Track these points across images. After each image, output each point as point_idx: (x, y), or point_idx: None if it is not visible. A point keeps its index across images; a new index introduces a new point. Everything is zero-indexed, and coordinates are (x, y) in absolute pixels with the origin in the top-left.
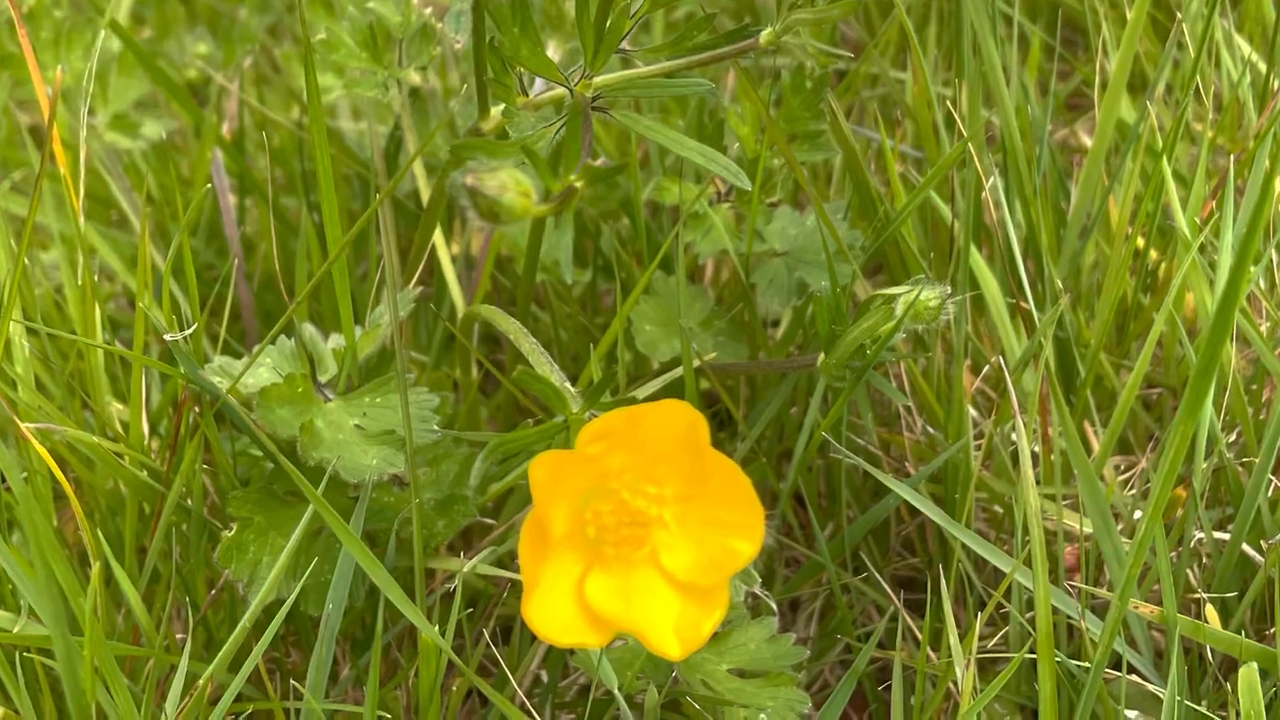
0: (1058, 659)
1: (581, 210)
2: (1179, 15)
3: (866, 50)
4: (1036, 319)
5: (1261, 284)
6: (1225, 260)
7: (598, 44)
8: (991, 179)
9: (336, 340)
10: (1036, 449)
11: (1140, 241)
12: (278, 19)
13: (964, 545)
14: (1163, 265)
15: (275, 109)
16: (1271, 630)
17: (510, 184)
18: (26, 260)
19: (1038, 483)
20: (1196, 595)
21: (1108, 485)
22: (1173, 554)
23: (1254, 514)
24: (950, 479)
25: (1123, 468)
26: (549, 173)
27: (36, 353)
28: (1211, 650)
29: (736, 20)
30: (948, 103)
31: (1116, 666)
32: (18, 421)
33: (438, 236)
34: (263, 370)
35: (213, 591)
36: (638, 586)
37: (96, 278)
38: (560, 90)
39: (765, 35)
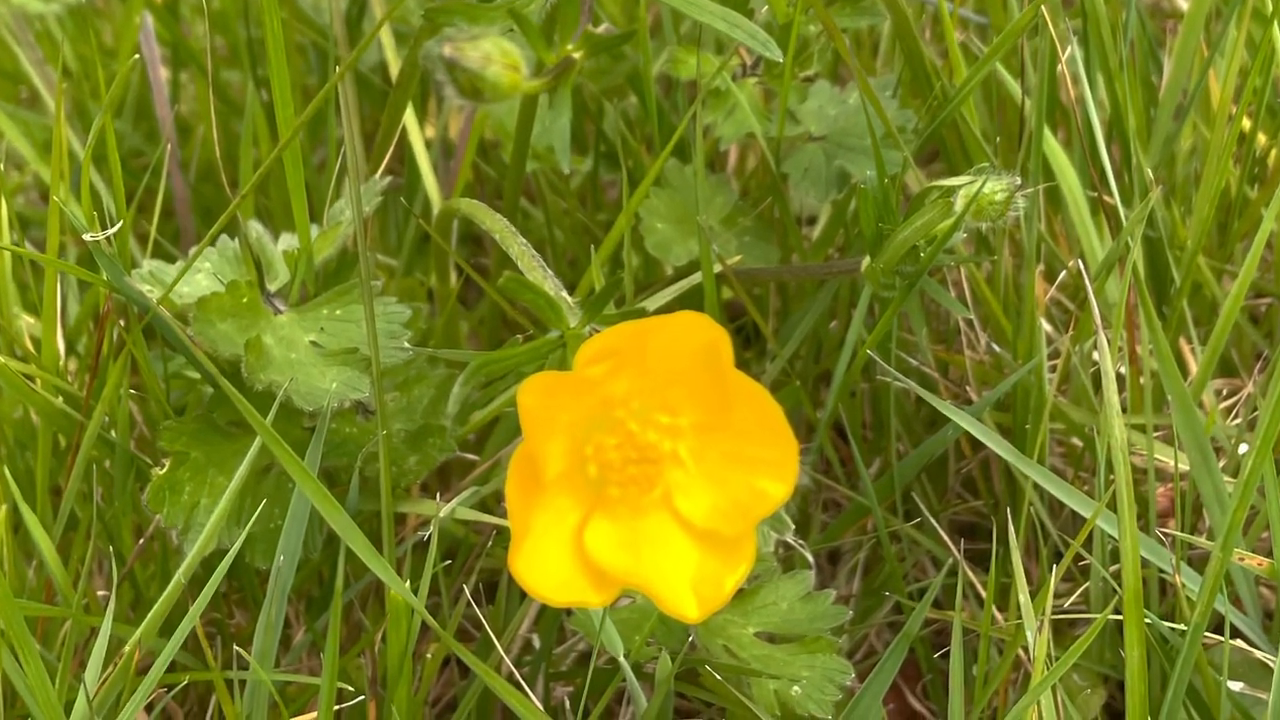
0: (1147, 620)
1: (581, 86)
2: None
3: None
4: (1122, 216)
5: None
6: None
7: None
8: (1069, 49)
9: (288, 241)
10: (1122, 370)
11: (1246, 123)
12: None
13: (1036, 485)
14: (1273, 151)
15: None
16: None
17: (495, 55)
18: None
19: (1124, 410)
20: None
21: (1207, 413)
22: None
23: None
24: (1020, 406)
25: (1225, 393)
26: (542, 41)
27: None
28: None
29: None
30: None
31: (1218, 630)
32: None
33: (409, 118)
34: (201, 277)
35: (141, 540)
36: (648, 535)
37: (3, 166)
38: None
39: None
